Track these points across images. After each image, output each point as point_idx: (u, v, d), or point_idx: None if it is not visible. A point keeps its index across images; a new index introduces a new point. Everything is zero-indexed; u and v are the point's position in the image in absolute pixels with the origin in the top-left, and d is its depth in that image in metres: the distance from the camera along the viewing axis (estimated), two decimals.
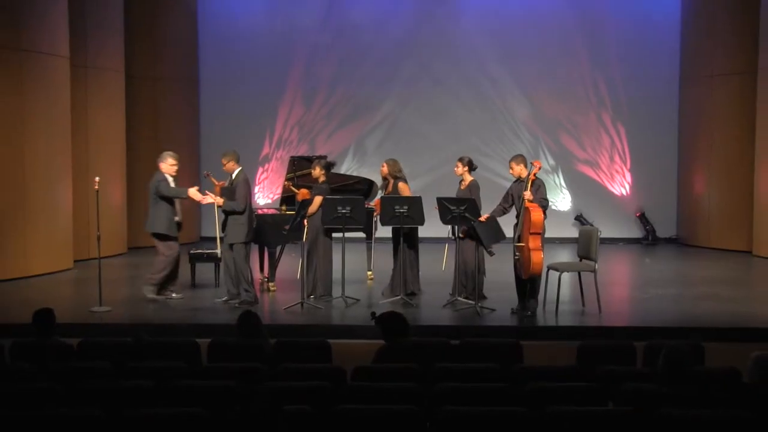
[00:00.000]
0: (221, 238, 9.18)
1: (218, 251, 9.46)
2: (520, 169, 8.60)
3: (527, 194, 8.30)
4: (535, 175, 8.42)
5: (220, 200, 9.03)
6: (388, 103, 15.52)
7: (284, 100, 15.64)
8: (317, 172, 9.41)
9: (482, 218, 8.63)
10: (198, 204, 10.09)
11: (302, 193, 9.46)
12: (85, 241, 12.13)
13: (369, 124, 15.59)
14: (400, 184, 9.49)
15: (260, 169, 15.67)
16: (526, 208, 8.28)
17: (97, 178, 9.11)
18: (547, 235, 8.57)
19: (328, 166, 9.46)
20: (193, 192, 9.30)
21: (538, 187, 8.43)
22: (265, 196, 15.61)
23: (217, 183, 9.18)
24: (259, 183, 15.67)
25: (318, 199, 9.15)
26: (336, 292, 9.31)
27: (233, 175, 9.09)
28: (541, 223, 8.27)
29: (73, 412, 4.32)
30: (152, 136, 14.57)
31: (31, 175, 11.14)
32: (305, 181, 10.26)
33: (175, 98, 14.97)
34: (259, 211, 10.50)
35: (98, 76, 13.00)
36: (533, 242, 8.24)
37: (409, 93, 15.46)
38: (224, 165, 9.13)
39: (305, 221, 9.06)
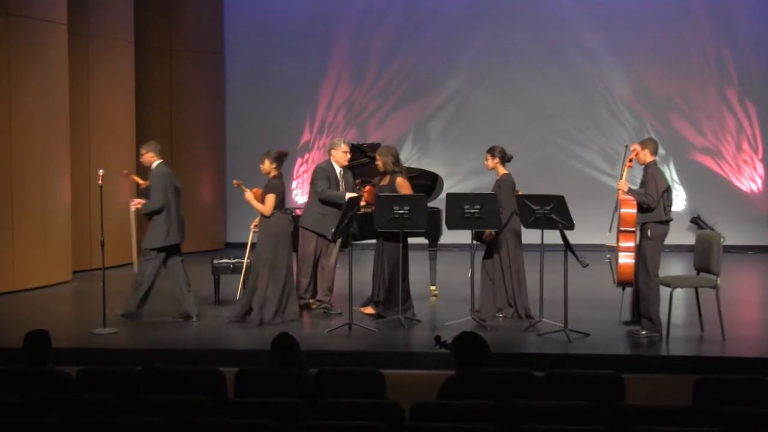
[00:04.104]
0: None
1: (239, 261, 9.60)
2: (644, 155, 8.61)
3: (622, 184, 8.42)
4: (631, 160, 8.53)
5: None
6: (455, 79, 15.53)
7: (328, 77, 15.76)
8: (267, 166, 9.33)
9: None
10: (223, 206, 10.23)
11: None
12: (86, 247, 12.33)
13: (432, 105, 15.62)
14: (399, 180, 9.43)
15: (299, 160, 15.78)
16: (619, 201, 8.41)
17: (100, 171, 9.27)
18: None
19: (279, 158, 9.40)
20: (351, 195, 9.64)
21: (653, 177, 8.45)
22: (305, 192, 15.67)
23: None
24: (298, 177, 15.76)
25: (270, 199, 9.15)
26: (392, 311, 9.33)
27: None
28: (632, 220, 8.39)
29: None
30: (167, 119, 14.77)
31: (21, 167, 11.35)
32: (357, 173, 10.31)
33: (196, 74, 15.14)
34: (298, 212, 10.54)
35: (103, 46, 13.19)
36: (622, 240, 8.42)
37: (480, 67, 15.44)
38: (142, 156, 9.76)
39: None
